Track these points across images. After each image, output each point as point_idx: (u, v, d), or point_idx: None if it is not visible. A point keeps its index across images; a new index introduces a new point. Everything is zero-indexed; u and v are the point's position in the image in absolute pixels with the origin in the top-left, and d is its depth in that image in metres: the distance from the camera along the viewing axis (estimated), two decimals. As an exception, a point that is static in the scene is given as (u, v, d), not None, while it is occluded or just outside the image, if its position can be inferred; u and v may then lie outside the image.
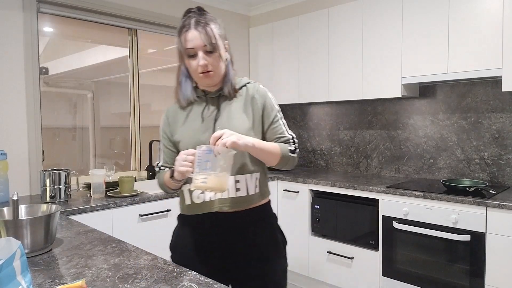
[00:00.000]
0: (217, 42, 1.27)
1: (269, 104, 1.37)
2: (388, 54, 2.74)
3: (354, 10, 2.92)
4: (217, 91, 1.36)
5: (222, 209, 1.31)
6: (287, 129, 1.39)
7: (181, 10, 3.62)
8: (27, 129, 2.46)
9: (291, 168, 1.39)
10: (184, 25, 1.28)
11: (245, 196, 1.32)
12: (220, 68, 1.31)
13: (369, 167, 3.26)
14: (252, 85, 1.40)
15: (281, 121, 1.39)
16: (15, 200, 1.24)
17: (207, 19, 1.28)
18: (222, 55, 1.30)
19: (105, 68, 3.08)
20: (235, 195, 1.31)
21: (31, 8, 2.44)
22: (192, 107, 1.39)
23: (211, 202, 1.32)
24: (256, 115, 1.35)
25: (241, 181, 1.31)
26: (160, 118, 1.48)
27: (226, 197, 1.30)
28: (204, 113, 1.36)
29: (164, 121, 1.45)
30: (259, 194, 1.36)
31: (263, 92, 1.38)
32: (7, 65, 2.37)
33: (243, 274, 1.34)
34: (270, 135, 1.37)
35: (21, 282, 0.84)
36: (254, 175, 1.34)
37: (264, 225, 1.38)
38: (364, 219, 2.63)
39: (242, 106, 1.35)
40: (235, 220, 1.32)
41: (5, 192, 2.18)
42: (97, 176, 2.32)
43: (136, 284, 1.01)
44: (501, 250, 2.06)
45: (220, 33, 1.31)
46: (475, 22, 2.34)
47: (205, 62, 1.25)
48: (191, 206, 1.36)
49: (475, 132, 2.69)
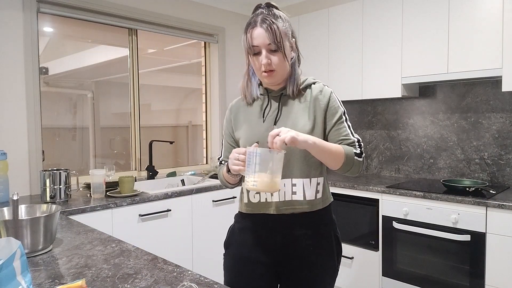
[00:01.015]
0: (282, 41, 1.24)
1: (333, 105, 1.31)
2: (388, 54, 2.74)
3: (354, 10, 2.92)
4: (279, 90, 1.34)
5: (279, 212, 1.29)
6: (353, 132, 1.32)
7: (181, 10, 3.61)
8: (27, 129, 2.45)
9: (356, 174, 1.31)
10: (251, 22, 1.25)
11: (301, 200, 1.29)
12: (283, 67, 1.28)
13: (369, 167, 3.26)
14: (317, 85, 1.35)
15: (346, 123, 1.32)
16: (15, 200, 1.24)
17: (274, 16, 1.25)
18: (286, 55, 1.27)
19: (105, 68, 3.08)
20: (291, 198, 1.28)
21: (31, 8, 2.44)
22: (255, 105, 1.38)
23: (267, 203, 1.31)
24: (318, 116, 1.30)
25: (298, 184, 1.28)
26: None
27: (282, 200, 1.29)
28: (265, 112, 1.34)
29: (227, 117, 1.45)
30: (319, 200, 1.32)
31: (327, 92, 1.33)
32: (7, 65, 2.37)
33: (292, 280, 1.31)
34: (333, 136, 1.30)
35: (21, 282, 0.84)
36: (314, 180, 1.30)
37: (320, 233, 1.33)
38: (364, 219, 2.63)
39: (304, 107, 1.31)
40: (291, 223, 1.30)
41: (5, 192, 2.18)
42: (97, 176, 2.32)
43: (136, 284, 1.01)
44: (501, 250, 2.06)
45: (286, 31, 1.27)
46: (475, 22, 2.34)
47: (268, 61, 1.24)
48: (248, 204, 1.36)
49: (475, 132, 2.69)
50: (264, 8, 1.27)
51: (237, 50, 3.65)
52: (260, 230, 1.34)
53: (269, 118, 1.33)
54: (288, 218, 1.30)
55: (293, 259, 1.30)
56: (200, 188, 2.63)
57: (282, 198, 1.29)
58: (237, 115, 1.41)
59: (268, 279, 1.32)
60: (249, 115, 1.37)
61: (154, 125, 3.30)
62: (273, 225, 1.31)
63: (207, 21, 3.42)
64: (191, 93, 3.63)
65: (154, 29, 3.10)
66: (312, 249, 1.30)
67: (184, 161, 3.57)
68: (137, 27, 3.02)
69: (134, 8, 2.95)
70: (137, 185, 2.70)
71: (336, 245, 1.36)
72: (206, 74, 3.62)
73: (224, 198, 2.78)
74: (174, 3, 3.20)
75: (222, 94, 3.58)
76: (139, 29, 3.05)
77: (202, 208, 2.65)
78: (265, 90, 1.36)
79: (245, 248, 1.35)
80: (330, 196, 1.39)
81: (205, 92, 3.64)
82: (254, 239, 1.34)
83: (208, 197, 2.69)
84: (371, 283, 2.60)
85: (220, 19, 3.52)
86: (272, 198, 1.30)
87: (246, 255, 1.34)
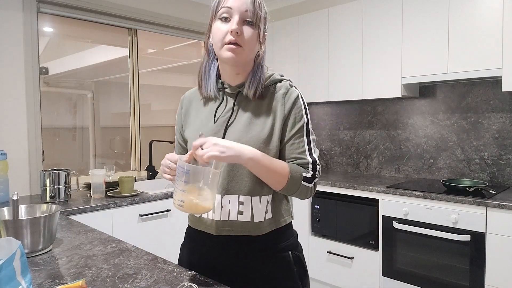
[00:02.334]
0: (261, 18, 1.04)
1: (296, 112, 1.08)
2: (388, 54, 2.74)
3: (354, 10, 2.92)
4: (236, 87, 1.11)
5: (218, 233, 1.08)
6: (313, 149, 1.08)
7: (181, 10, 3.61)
8: (27, 129, 2.46)
9: (302, 199, 1.08)
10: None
11: (248, 222, 1.07)
12: (252, 48, 1.05)
13: (369, 167, 3.26)
14: (283, 85, 1.12)
15: (307, 137, 1.08)
16: (15, 200, 1.24)
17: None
18: (261, 35, 1.06)
19: (105, 68, 3.08)
20: (236, 219, 1.07)
21: (31, 8, 2.44)
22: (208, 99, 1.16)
23: (209, 220, 1.10)
24: (277, 122, 1.07)
25: (245, 203, 1.06)
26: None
27: (225, 219, 1.07)
28: (217, 112, 1.12)
29: (178, 112, 1.24)
30: (269, 221, 1.09)
31: (293, 95, 1.09)
32: (7, 65, 2.37)
33: None
34: (287, 152, 1.08)
35: (21, 282, 0.84)
36: (264, 198, 1.08)
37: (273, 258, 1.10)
38: (364, 219, 2.63)
39: (263, 110, 1.08)
40: (236, 247, 1.09)
41: (5, 192, 2.18)
42: (97, 176, 2.32)
43: (136, 284, 1.01)
44: (501, 250, 2.06)
45: (266, 17, 1.08)
46: (475, 22, 2.34)
47: (239, 29, 1.00)
48: (192, 219, 1.17)
49: (475, 132, 2.69)
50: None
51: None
52: (204, 249, 1.13)
53: (222, 119, 1.10)
54: (230, 240, 1.08)
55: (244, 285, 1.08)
56: (200, 188, 2.63)
57: (225, 217, 1.07)
58: (188, 110, 1.20)
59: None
60: (200, 112, 1.15)
61: (154, 125, 3.30)
62: (217, 246, 1.10)
63: (207, 21, 3.40)
64: (191, 93, 3.63)
65: (154, 29, 3.11)
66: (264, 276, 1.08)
67: (184, 161, 3.56)
68: (137, 27, 3.02)
69: (134, 8, 2.95)
70: (137, 185, 2.70)
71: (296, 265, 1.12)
72: (206, 74, 3.61)
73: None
74: (174, 3, 3.20)
75: (222, 94, 3.58)
76: (139, 29, 3.05)
77: (202, 208, 2.65)
78: (221, 84, 1.13)
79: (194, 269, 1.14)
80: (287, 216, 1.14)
81: (205, 92, 3.63)
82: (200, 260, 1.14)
83: (208, 197, 2.69)
84: (371, 283, 2.60)
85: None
86: (213, 215, 1.08)
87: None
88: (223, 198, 1.07)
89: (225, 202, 1.07)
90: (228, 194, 1.07)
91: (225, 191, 1.07)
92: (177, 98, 3.52)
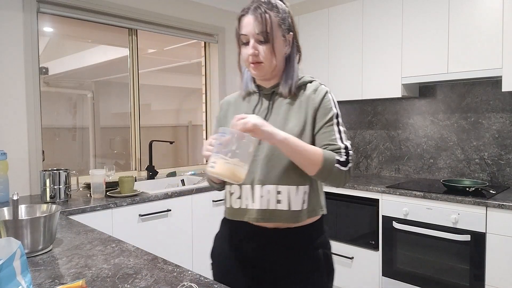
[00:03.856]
0: (272, 32, 1.13)
1: (326, 105, 1.17)
2: (388, 54, 2.74)
3: (354, 10, 2.92)
4: (271, 88, 1.23)
5: (258, 222, 1.16)
6: (343, 138, 1.15)
7: (181, 10, 3.60)
8: (27, 129, 2.45)
9: (339, 186, 1.14)
10: (244, 8, 1.16)
11: (286, 210, 1.14)
12: (272, 61, 1.16)
13: (369, 167, 3.26)
14: (313, 84, 1.23)
15: (337, 127, 1.16)
16: (15, 200, 1.24)
17: (270, 5, 1.15)
18: (275, 48, 1.15)
19: (105, 68, 3.08)
20: (275, 208, 1.15)
21: (31, 8, 2.44)
22: (246, 102, 1.27)
23: (247, 210, 1.18)
24: (309, 117, 1.17)
25: (283, 192, 1.14)
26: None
27: (265, 208, 1.15)
28: (255, 111, 1.23)
29: (217, 115, 1.36)
30: (306, 211, 1.17)
31: (322, 91, 1.20)
32: (7, 65, 2.37)
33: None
34: (319, 140, 1.15)
35: (21, 282, 0.84)
36: (302, 188, 1.15)
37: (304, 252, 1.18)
38: (364, 219, 2.63)
39: (296, 107, 1.19)
40: (273, 238, 1.17)
41: (5, 192, 2.18)
42: (97, 176, 2.32)
43: (136, 284, 1.01)
44: (501, 250, 2.06)
45: (280, 22, 1.16)
46: (475, 22, 2.34)
47: (254, 52, 1.13)
48: (229, 210, 1.25)
49: (475, 132, 2.69)
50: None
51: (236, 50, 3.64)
52: (240, 240, 1.23)
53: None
54: (271, 231, 1.17)
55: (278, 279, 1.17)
56: (200, 188, 2.63)
57: (265, 206, 1.15)
58: (227, 113, 1.31)
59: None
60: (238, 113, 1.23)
61: (154, 125, 3.30)
62: (250, 236, 1.20)
63: (207, 21, 3.42)
64: (191, 93, 3.63)
65: (154, 29, 3.10)
66: (293, 269, 1.17)
67: (184, 161, 3.57)
68: (137, 27, 3.02)
69: (134, 8, 2.95)
70: (137, 185, 2.70)
71: (325, 263, 1.21)
72: (206, 74, 3.62)
73: (224, 198, 2.78)
74: (174, 3, 3.20)
75: (222, 94, 3.58)
76: (139, 29, 3.05)
77: (202, 208, 2.65)
78: (257, 87, 1.26)
79: (228, 259, 1.25)
80: (321, 209, 1.23)
81: (205, 92, 3.64)
82: (230, 249, 1.24)
83: (208, 197, 2.69)
84: (371, 283, 2.60)
85: (220, 19, 3.52)
86: (253, 204, 1.17)
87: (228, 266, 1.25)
88: (262, 188, 1.16)
89: (264, 192, 1.16)
90: (267, 185, 1.15)
91: (263, 181, 1.16)
92: (177, 98, 3.53)
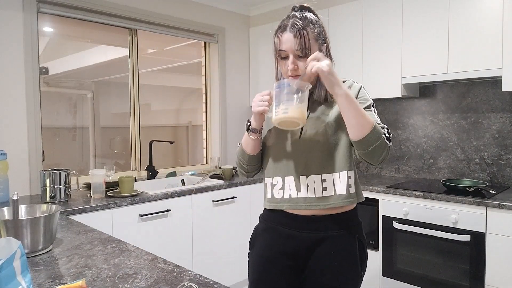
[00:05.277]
0: (310, 47, 1.23)
1: (362, 96, 1.28)
2: (388, 54, 2.74)
3: (354, 10, 2.92)
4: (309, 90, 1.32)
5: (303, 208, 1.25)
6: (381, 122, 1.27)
7: (181, 10, 3.60)
8: (27, 129, 2.46)
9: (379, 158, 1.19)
10: (281, 25, 1.25)
11: (331, 196, 1.24)
12: None
13: (369, 167, 3.26)
14: (347, 82, 1.32)
15: (375, 113, 1.27)
16: (15, 200, 1.24)
17: (306, 21, 1.24)
18: None
19: (105, 68, 3.08)
20: (322, 195, 1.24)
21: (31, 8, 2.44)
22: None
23: (291, 199, 1.27)
24: None
25: (328, 180, 1.24)
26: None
27: (311, 196, 1.24)
28: None
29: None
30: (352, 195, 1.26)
31: (356, 87, 1.30)
32: (7, 65, 2.37)
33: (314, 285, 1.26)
34: None
35: (21, 282, 0.84)
36: (343, 174, 1.25)
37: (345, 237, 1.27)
38: (364, 219, 2.62)
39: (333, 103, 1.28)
40: (314, 225, 1.25)
41: (5, 192, 2.18)
42: (97, 176, 2.32)
43: (136, 284, 1.01)
44: (501, 250, 2.06)
45: (316, 37, 1.27)
46: (475, 22, 2.34)
47: (294, 67, 1.23)
48: (271, 200, 1.32)
49: (475, 132, 2.69)
50: (297, 11, 1.27)
51: (237, 50, 3.65)
52: (281, 230, 1.30)
53: None
54: (312, 219, 1.26)
55: (315, 264, 1.26)
56: (200, 188, 2.63)
57: (311, 194, 1.24)
58: None
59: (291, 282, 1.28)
60: None
61: (154, 125, 3.30)
62: (296, 225, 1.27)
63: (207, 21, 3.42)
64: (191, 93, 3.63)
65: (154, 29, 3.10)
66: (336, 254, 1.25)
67: (184, 161, 3.57)
68: (137, 27, 3.02)
69: (134, 8, 2.95)
70: (137, 185, 2.70)
71: (360, 250, 1.29)
72: (206, 74, 3.62)
73: (224, 198, 2.78)
74: (174, 3, 3.20)
75: (222, 94, 3.58)
76: (139, 29, 3.05)
77: (202, 208, 2.65)
78: None
79: (267, 249, 1.32)
80: (360, 195, 1.32)
81: (205, 92, 3.64)
82: (275, 240, 1.31)
83: (208, 197, 2.69)
84: (371, 283, 2.60)
85: (220, 19, 3.52)
86: (298, 194, 1.25)
87: (268, 257, 1.31)
88: (308, 178, 1.25)
89: (310, 181, 1.25)
90: (312, 175, 1.25)
91: (308, 172, 1.25)
92: (177, 98, 3.53)
